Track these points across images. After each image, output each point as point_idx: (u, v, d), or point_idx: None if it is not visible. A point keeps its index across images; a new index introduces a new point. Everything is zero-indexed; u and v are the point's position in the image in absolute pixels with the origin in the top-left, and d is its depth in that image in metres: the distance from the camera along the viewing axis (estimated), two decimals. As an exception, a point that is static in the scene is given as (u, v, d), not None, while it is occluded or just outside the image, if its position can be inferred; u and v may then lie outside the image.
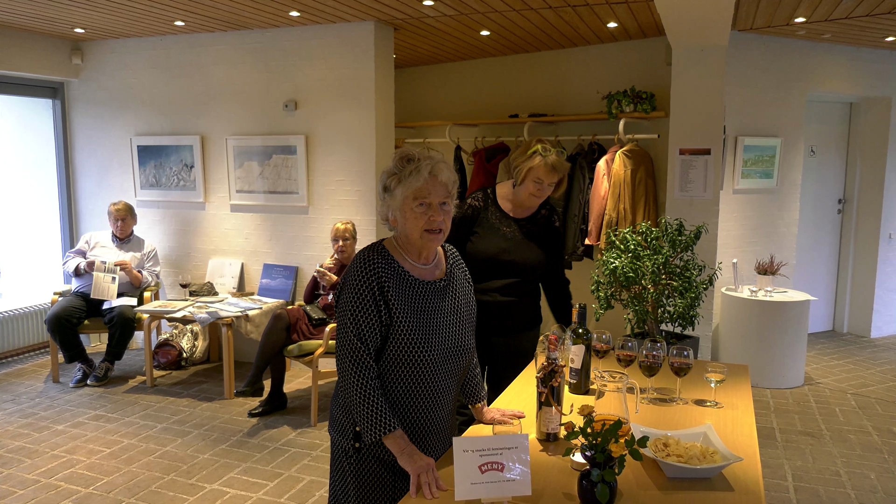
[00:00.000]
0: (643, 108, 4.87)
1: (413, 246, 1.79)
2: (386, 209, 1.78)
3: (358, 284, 1.70)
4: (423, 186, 1.71)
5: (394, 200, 1.74)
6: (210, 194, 5.27)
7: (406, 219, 1.73)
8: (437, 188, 1.73)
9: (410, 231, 1.75)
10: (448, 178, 1.76)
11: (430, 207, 1.73)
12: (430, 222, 1.74)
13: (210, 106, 5.18)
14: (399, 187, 1.72)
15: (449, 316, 1.80)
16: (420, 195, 1.71)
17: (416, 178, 1.71)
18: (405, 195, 1.72)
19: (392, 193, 1.73)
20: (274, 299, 4.90)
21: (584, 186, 5.01)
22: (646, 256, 3.05)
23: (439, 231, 1.75)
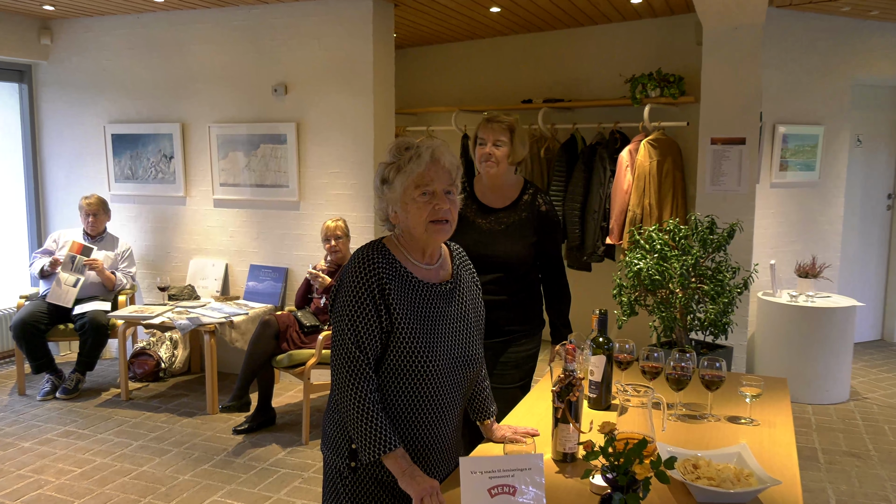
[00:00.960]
0: (670, 93, 4.86)
1: (417, 243, 1.79)
2: (385, 205, 1.78)
3: (356, 286, 1.70)
4: (424, 173, 1.71)
5: (393, 193, 1.74)
6: (191, 188, 5.29)
7: (408, 211, 1.73)
8: (439, 174, 1.73)
9: (414, 224, 1.74)
10: (451, 164, 1.76)
11: (433, 196, 1.73)
12: (435, 211, 1.73)
13: (192, 90, 5.20)
14: (398, 177, 1.72)
15: (455, 322, 1.80)
16: (422, 182, 1.72)
17: (416, 164, 1.71)
18: (405, 185, 1.72)
19: (391, 185, 1.74)
20: (261, 304, 4.91)
21: (605, 180, 5.01)
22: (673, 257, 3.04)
23: (446, 221, 1.75)
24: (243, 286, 5.14)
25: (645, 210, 4.78)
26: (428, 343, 1.73)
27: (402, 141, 1.76)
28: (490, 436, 1.98)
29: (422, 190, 1.72)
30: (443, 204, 1.74)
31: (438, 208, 1.74)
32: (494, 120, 2.62)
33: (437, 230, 1.75)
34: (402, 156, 1.73)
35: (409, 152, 1.73)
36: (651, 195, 4.77)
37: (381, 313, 1.70)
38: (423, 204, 1.73)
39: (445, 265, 1.88)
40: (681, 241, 3.11)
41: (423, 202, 1.73)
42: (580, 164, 5.15)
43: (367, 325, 1.69)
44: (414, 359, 1.71)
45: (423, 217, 1.73)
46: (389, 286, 1.71)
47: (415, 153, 1.72)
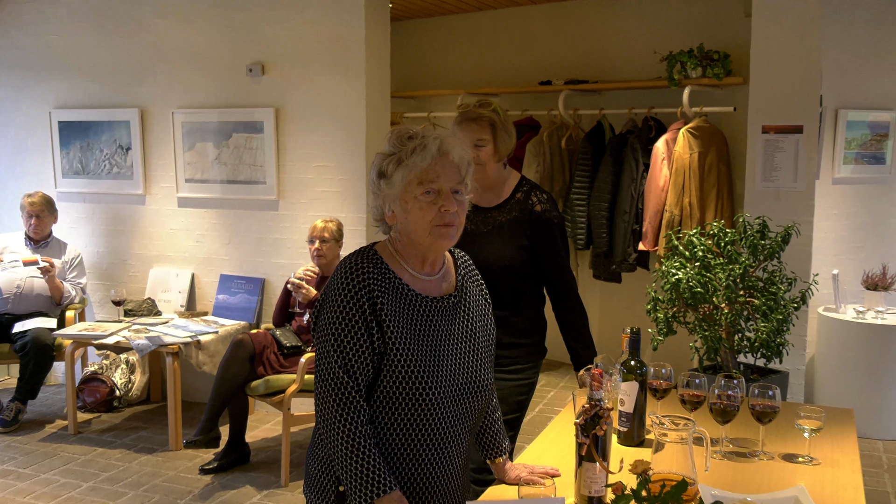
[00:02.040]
0: (714, 73, 4.87)
1: (416, 249, 1.79)
2: (381, 203, 1.78)
3: (343, 300, 1.71)
4: (429, 168, 1.71)
5: (392, 189, 1.74)
6: (151, 184, 5.31)
7: (408, 212, 1.74)
8: (447, 170, 1.73)
9: (415, 228, 1.75)
10: (461, 158, 1.77)
11: (439, 195, 1.73)
12: (441, 214, 1.73)
13: (152, 71, 5.23)
14: (398, 171, 1.72)
15: (460, 343, 1.81)
16: (426, 179, 1.72)
17: (420, 156, 1.71)
18: (407, 181, 1.72)
19: (389, 181, 1.73)
20: (233, 321, 4.92)
21: (638, 175, 5.02)
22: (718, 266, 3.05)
23: (452, 225, 1.75)
24: (212, 300, 5.15)
25: (684, 210, 4.78)
26: (428, 367, 1.73)
27: (405, 129, 1.77)
28: (503, 476, 1.98)
29: (426, 188, 1.72)
30: (450, 205, 1.74)
31: (445, 210, 1.74)
32: (469, 118, 2.61)
33: (442, 236, 1.75)
34: (403, 146, 1.73)
35: (412, 142, 1.73)
36: (691, 193, 4.77)
37: (373, 332, 1.70)
38: (427, 204, 1.73)
39: (448, 276, 1.88)
40: (726, 248, 3.11)
41: (426, 202, 1.73)
42: (608, 157, 5.16)
43: (357, 345, 1.69)
44: (411, 386, 1.71)
45: (426, 220, 1.73)
46: (382, 300, 1.71)
47: (419, 144, 1.72)
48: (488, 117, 2.62)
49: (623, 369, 2.17)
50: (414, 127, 1.79)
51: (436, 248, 1.80)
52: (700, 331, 3.06)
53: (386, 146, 1.77)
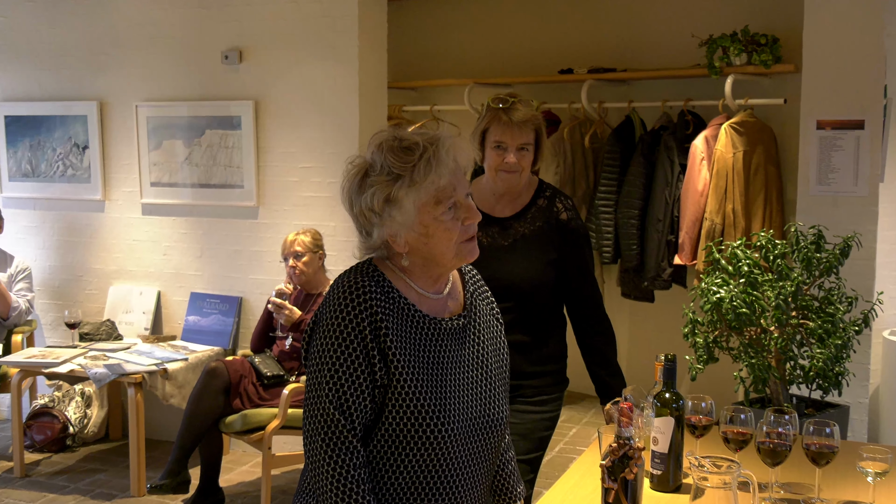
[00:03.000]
0: (762, 60, 4.88)
1: (434, 270, 1.81)
2: (386, 232, 1.75)
3: (340, 325, 1.71)
4: (448, 184, 1.73)
5: (405, 216, 1.72)
6: (112, 188, 5.33)
7: (431, 236, 1.75)
8: (459, 177, 1.76)
9: (441, 251, 1.77)
10: (469, 160, 1.80)
11: (457, 208, 1.76)
12: (466, 229, 1.76)
13: (113, 58, 5.25)
14: (410, 194, 1.71)
15: (471, 370, 1.82)
16: (444, 195, 1.73)
17: (437, 174, 1.72)
18: (423, 202, 1.72)
19: (400, 207, 1.71)
20: (206, 346, 4.92)
21: (673, 178, 5.02)
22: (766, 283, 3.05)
23: (475, 237, 1.80)
24: (181, 322, 5.16)
25: (727, 219, 4.78)
26: (438, 401, 1.74)
27: (397, 139, 1.74)
28: (517, 528, 1.99)
29: (446, 204, 1.74)
30: (473, 216, 1.77)
31: (469, 223, 1.77)
32: (515, 115, 2.65)
33: (471, 252, 1.79)
34: (406, 163, 1.71)
35: (414, 156, 1.72)
36: (735, 198, 4.77)
37: (374, 362, 1.70)
38: (452, 222, 1.75)
39: (455, 293, 1.90)
40: (776, 262, 3.12)
41: (450, 220, 1.75)
42: (639, 157, 5.16)
43: (355, 378, 1.69)
44: (420, 423, 1.71)
45: (453, 239, 1.76)
46: (387, 324, 1.72)
47: (432, 156, 1.72)
48: (535, 120, 2.68)
49: (656, 402, 2.17)
50: (409, 134, 1.77)
51: (457, 266, 1.83)
52: (746, 358, 3.06)
53: (377, 160, 1.74)
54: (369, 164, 1.76)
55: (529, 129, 2.67)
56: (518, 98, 2.70)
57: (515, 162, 2.66)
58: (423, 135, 1.76)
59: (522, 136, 2.66)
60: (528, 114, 2.67)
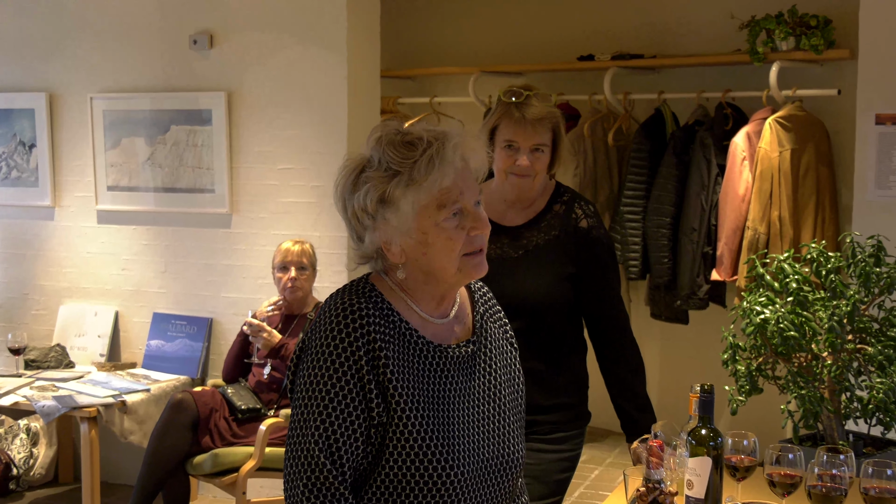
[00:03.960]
0: (812, 45, 4.87)
1: (436, 288, 1.81)
2: (379, 237, 1.76)
3: (333, 354, 1.70)
4: (453, 185, 1.72)
5: (401, 219, 1.72)
6: (63, 193, 5.32)
7: (429, 244, 1.74)
8: (468, 181, 1.76)
9: (441, 265, 1.76)
10: (482, 163, 1.80)
11: (464, 215, 1.75)
12: (471, 240, 1.76)
13: (65, 45, 5.23)
14: (408, 194, 1.71)
15: (482, 404, 1.83)
16: (449, 200, 1.73)
17: (440, 172, 1.71)
18: (422, 205, 1.72)
19: (396, 209, 1.72)
20: (171, 375, 4.90)
21: (710, 180, 5.02)
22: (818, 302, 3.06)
23: (482, 250, 1.79)
24: (142, 347, 5.14)
25: (772, 227, 4.77)
26: (445, 441, 1.74)
27: (397, 133, 1.75)
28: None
29: (450, 210, 1.73)
30: (480, 225, 1.76)
31: (475, 234, 1.76)
32: (529, 111, 2.66)
33: (476, 267, 1.78)
34: (407, 159, 1.72)
35: (415, 151, 1.72)
36: (782, 204, 4.77)
37: (372, 398, 1.70)
38: (455, 231, 1.74)
39: (463, 315, 1.90)
40: (829, 278, 3.13)
41: (453, 228, 1.74)
42: (670, 157, 5.16)
43: (348, 417, 1.69)
44: (426, 468, 1.71)
45: (455, 250, 1.75)
46: (386, 353, 1.72)
47: (435, 153, 1.71)
48: (552, 117, 2.68)
49: (691, 440, 2.16)
50: (412, 129, 1.78)
51: (461, 283, 1.82)
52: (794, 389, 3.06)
53: (376, 156, 1.75)
54: (367, 160, 1.76)
55: (546, 127, 2.68)
56: (534, 91, 2.71)
57: (528, 165, 2.67)
58: (430, 130, 1.76)
59: (537, 135, 2.67)
60: (544, 110, 2.67)
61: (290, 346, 4.21)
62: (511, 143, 2.68)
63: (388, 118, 5.69)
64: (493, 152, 2.72)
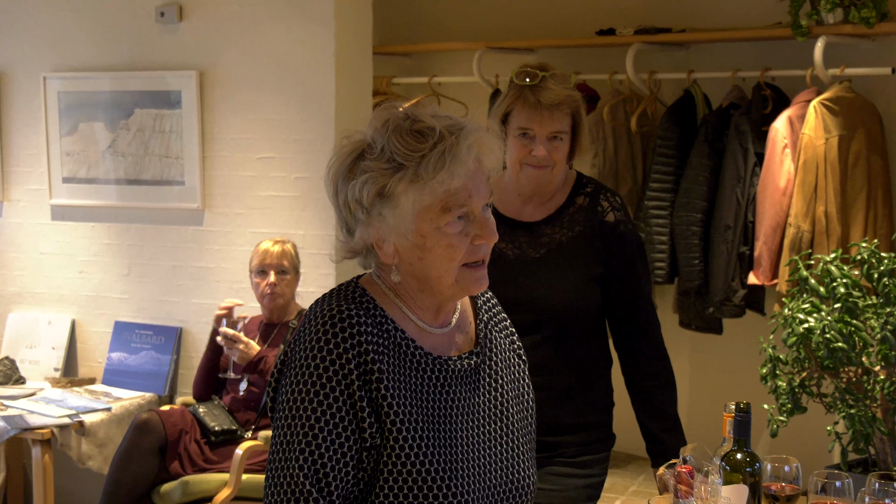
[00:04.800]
0: (862, 18, 4.86)
1: (432, 299, 1.81)
2: (371, 233, 1.76)
3: (320, 368, 1.70)
4: (463, 187, 1.73)
5: (399, 217, 1.72)
6: (12, 186, 5.33)
7: (427, 249, 1.75)
8: (479, 183, 1.76)
9: (438, 273, 1.76)
10: (496, 163, 1.79)
11: (469, 221, 1.76)
12: (475, 249, 1.77)
13: (15, 16, 5.24)
14: (411, 192, 1.71)
15: (488, 424, 1.84)
16: (455, 202, 1.73)
17: (450, 169, 1.71)
18: (425, 205, 1.72)
19: (395, 205, 1.72)
20: (134, 392, 4.91)
21: (746, 171, 5.01)
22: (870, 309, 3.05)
23: (484, 263, 1.80)
24: (102, 361, 5.15)
25: (818, 224, 4.77)
26: (448, 466, 1.74)
27: (409, 119, 1.75)
28: None
29: (455, 213, 1.73)
30: (486, 235, 1.76)
31: (480, 243, 1.77)
32: (546, 94, 2.66)
33: (476, 281, 1.79)
34: (414, 151, 1.71)
35: (425, 143, 1.71)
36: (829, 198, 4.76)
37: (364, 417, 1.70)
38: (458, 237, 1.75)
39: (465, 324, 1.91)
40: (882, 281, 3.13)
41: (456, 234, 1.74)
42: (702, 144, 5.16)
43: (337, 439, 1.69)
44: (426, 496, 1.72)
45: (455, 259, 1.75)
46: (380, 366, 1.72)
47: (447, 150, 1.71)
48: (572, 101, 2.69)
49: (725, 466, 2.16)
50: (416, 111, 1.77)
51: (458, 298, 1.84)
52: (843, 407, 3.06)
53: (377, 140, 1.74)
54: (368, 144, 1.76)
55: (564, 113, 2.69)
56: (550, 71, 2.71)
57: (546, 155, 2.68)
58: (444, 120, 1.76)
59: (555, 122, 2.69)
60: (562, 93, 2.68)
61: (271, 359, 4.22)
62: (526, 130, 2.70)
63: (382, 101, 5.69)
64: (506, 141, 2.72)
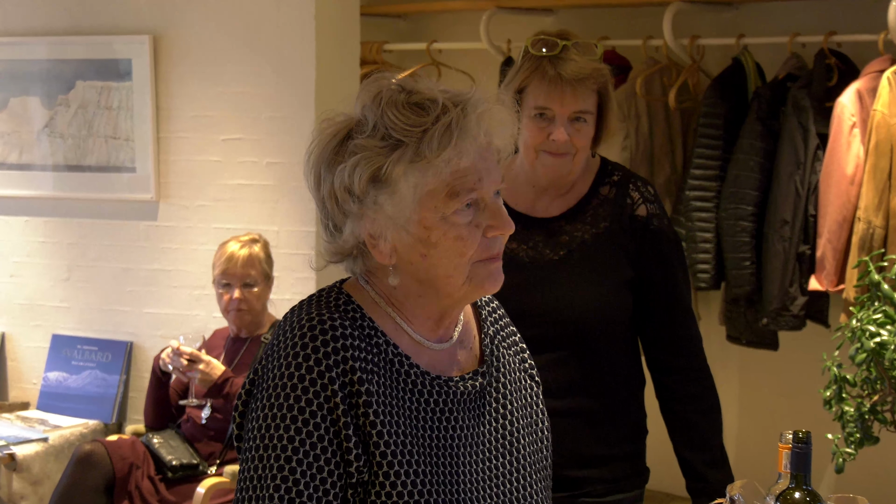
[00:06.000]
0: (945, -29, 4.89)
1: (436, 304, 1.82)
2: (374, 228, 1.76)
3: (298, 390, 1.71)
4: (473, 166, 1.74)
5: (398, 206, 1.73)
6: (-68, 173, 5.36)
7: (433, 244, 1.75)
8: (489, 164, 1.78)
9: (446, 270, 1.77)
10: (509, 139, 1.81)
11: (480, 208, 1.77)
12: (490, 243, 1.77)
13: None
14: (412, 174, 1.72)
15: (496, 457, 1.86)
16: (463, 185, 1.74)
17: (457, 146, 1.71)
18: (429, 189, 1.73)
19: (393, 191, 1.72)
20: (76, 419, 4.94)
21: (807, 156, 5.02)
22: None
23: (499, 258, 1.81)
24: (38, 381, 5.19)
25: (892, 219, 4.77)
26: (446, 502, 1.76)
27: (405, 91, 1.75)
28: None
29: (464, 199, 1.74)
30: (500, 225, 1.77)
31: (494, 234, 1.78)
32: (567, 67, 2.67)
33: (490, 277, 1.79)
34: (414, 126, 1.72)
35: (427, 117, 1.72)
36: (905, 187, 4.77)
37: (350, 447, 1.70)
38: (468, 228, 1.75)
39: (468, 338, 1.94)
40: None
41: (466, 226, 1.75)
42: (753, 123, 5.16)
43: (318, 477, 1.69)
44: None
45: (466, 255, 1.76)
46: (369, 387, 1.72)
47: (455, 122, 1.71)
48: (598, 74, 2.71)
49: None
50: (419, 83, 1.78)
51: (470, 300, 1.86)
52: (923, 437, 3.06)
53: (368, 116, 1.75)
54: (357, 122, 1.77)
55: (589, 89, 2.71)
56: (573, 40, 2.73)
57: (567, 140, 2.69)
58: (446, 91, 1.77)
59: (578, 100, 2.70)
60: (587, 66, 2.70)
61: (238, 381, 4.23)
62: (544, 110, 2.72)
63: (371, 71, 5.68)
64: (520, 122, 2.71)
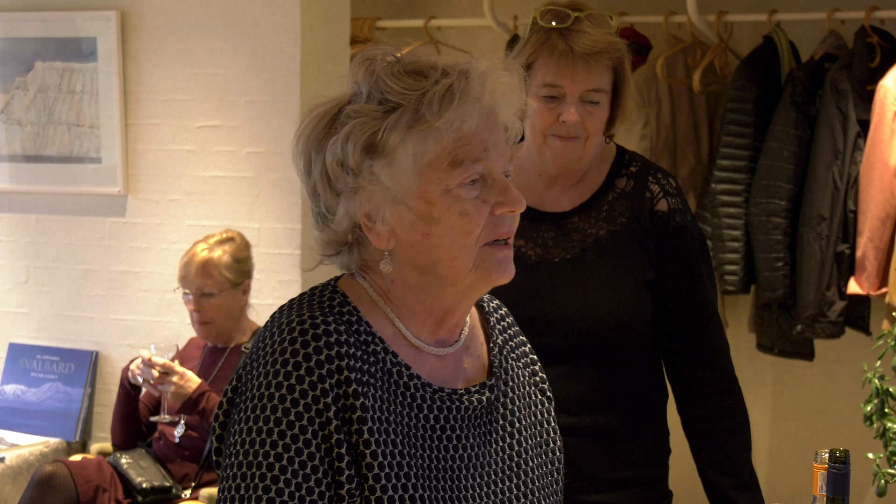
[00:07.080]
0: None
1: (439, 298, 1.81)
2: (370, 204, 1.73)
3: (285, 402, 1.69)
4: (474, 133, 1.73)
5: (396, 176, 1.71)
6: None
7: (437, 220, 1.73)
8: (495, 133, 1.78)
9: (450, 252, 1.75)
10: (515, 114, 1.82)
11: (488, 184, 1.76)
12: (499, 221, 1.76)
13: None
14: (410, 140, 1.70)
15: (500, 482, 1.87)
16: (468, 155, 1.72)
17: (460, 108, 1.71)
18: (430, 158, 1.72)
19: (391, 161, 1.70)
20: (36, 437, 4.95)
21: (846, 145, 5.02)
22: None
23: (510, 243, 1.80)
24: (-7, 395, 5.18)
25: (941, 216, 4.83)
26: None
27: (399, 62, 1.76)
28: None
29: (468, 171, 1.73)
30: (509, 202, 1.76)
31: (503, 211, 1.76)
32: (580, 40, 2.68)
33: (500, 265, 1.78)
34: (412, 90, 1.72)
35: (426, 80, 1.73)
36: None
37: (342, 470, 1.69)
38: (475, 203, 1.74)
39: (474, 345, 1.94)
40: None
41: (471, 201, 1.74)
42: (787, 108, 5.15)
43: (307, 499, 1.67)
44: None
45: (472, 233, 1.74)
46: (364, 400, 1.71)
47: (457, 84, 1.71)
48: (613, 49, 2.73)
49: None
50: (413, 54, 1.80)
51: (479, 292, 1.86)
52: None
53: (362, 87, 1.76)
54: (350, 96, 1.78)
55: (604, 65, 2.73)
56: (586, 11, 2.73)
57: (578, 121, 2.70)
58: (446, 60, 1.79)
59: (592, 77, 2.72)
60: (602, 40, 2.71)
61: (215, 396, 4.24)
62: (553, 88, 2.73)
63: (361, 49, 5.73)
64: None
